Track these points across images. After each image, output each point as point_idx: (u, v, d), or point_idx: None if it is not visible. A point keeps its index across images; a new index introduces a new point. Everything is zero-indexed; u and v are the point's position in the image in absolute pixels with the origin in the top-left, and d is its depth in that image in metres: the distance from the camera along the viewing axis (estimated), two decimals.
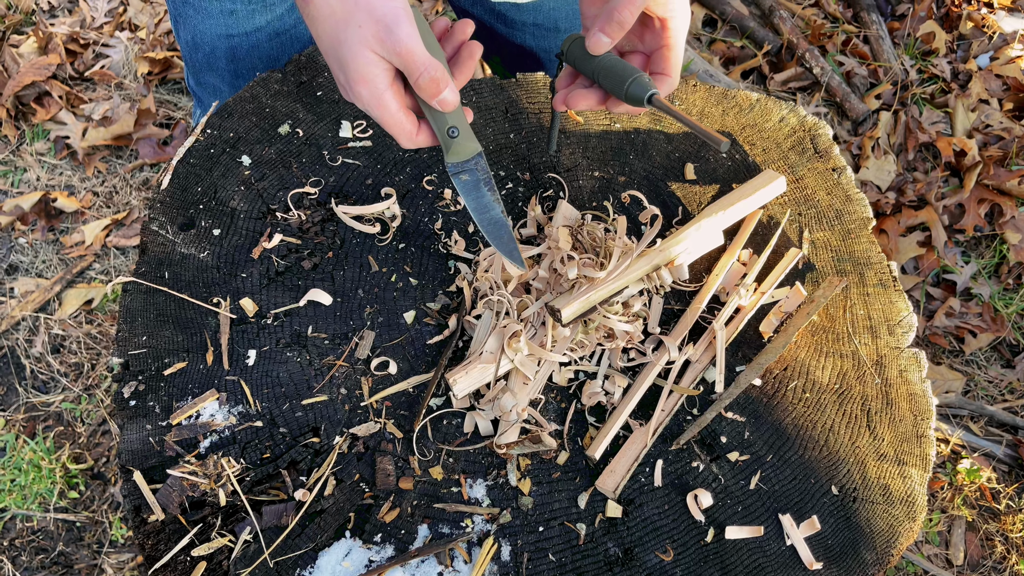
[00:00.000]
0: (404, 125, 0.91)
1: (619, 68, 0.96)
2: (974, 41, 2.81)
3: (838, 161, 1.34)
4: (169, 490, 1.04)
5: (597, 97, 1.01)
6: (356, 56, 0.84)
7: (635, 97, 0.95)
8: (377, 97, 0.87)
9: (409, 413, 1.12)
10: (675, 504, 1.09)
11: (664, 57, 0.99)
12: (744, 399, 1.15)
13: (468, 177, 0.97)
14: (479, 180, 0.97)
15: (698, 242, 1.21)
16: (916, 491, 1.14)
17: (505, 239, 1.00)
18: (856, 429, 1.15)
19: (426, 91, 0.87)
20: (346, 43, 0.84)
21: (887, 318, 1.23)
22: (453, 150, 0.94)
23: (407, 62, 0.85)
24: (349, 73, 0.86)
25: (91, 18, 2.79)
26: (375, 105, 0.88)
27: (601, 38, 0.94)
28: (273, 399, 1.11)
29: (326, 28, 0.86)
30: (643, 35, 1.02)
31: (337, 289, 1.18)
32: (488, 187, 0.98)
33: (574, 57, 1.01)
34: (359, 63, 0.85)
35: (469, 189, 0.98)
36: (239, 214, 1.22)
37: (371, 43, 0.84)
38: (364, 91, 0.87)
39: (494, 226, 1.00)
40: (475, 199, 0.98)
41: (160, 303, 1.16)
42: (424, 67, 0.85)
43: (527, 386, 1.11)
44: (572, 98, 1.02)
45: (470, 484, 1.08)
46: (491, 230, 1.00)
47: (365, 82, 0.86)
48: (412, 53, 0.84)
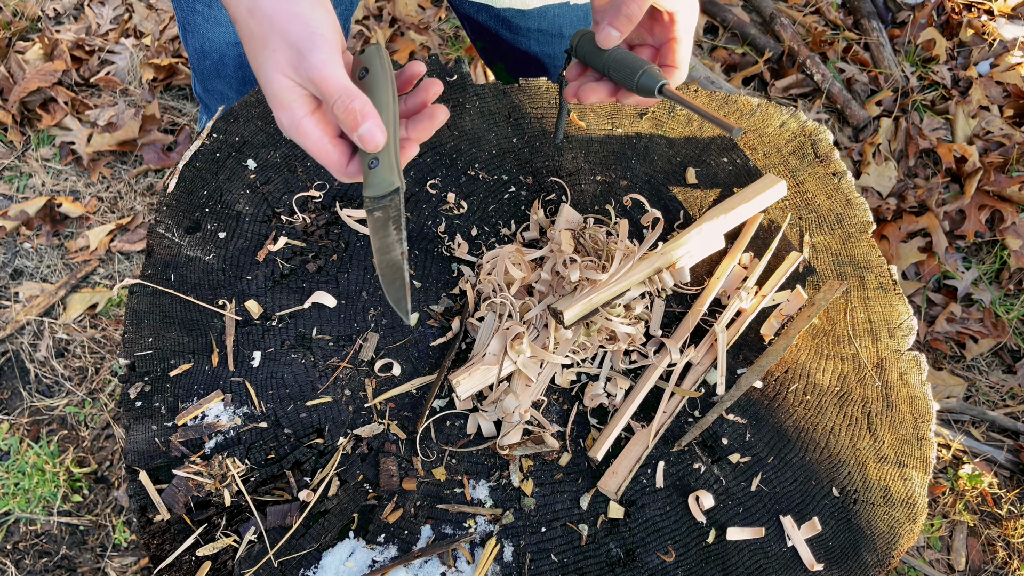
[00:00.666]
0: (329, 155, 0.84)
1: (629, 60, 0.98)
2: (974, 48, 2.82)
3: (838, 166, 1.35)
4: (174, 490, 1.05)
5: (607, 90, 1.02)
6: (271, 81, 0.80)
7: (646, 88, 0.96)
8: (296, 124, 0.82)
9: (412, 414, 1.13)
10: (677, 505, 1.09)
11: (672, 50, 0.99)
12: (745, 401, 1.16)
13: (380, 214, 0.88)
14: (389, 218, 0.88)
15: (699, 245, 1.21)
16: (917, 493, 1.14)
17: (397, 285, 0.92)
18: (857, 431, 1.16)
19: (344, 123, 0.80)
20: (262, 67, 0.80)
21: (887, 321, 1.23)
22: (369, 182, 0.86)
23: (321, 90, 0.79)
24: (269, 99, 0.82)
25: (96, 25, 2.81)
26: (295, 133, 0.83)
27: (611, 32, 0.95)
28: (278, 400, 1.12)
29: (248, 50, 0.82)
30: (652, 28, 1.02)
31: (341, 291, 1.19)
32: (395, 226, 0.89)
33: (583, 52, 1.02)
34: (274, 88, 0.80)
35: (378, 226, 0.89)
36: (244, 217, 1.23)
37: (285, 68, 0.80)
38: (283, 117, 0.82)
39: (390, 268, 0.92)
40: (380, 238, 0.90)
41: (166, 305, 1.17)
42: (339, 95, 0.78)
43: (530, 388, 1.11)
44: (583, 92, 1.02)
45: (473, 485, 1.09)
46: (386, 272, 0.92)
47: (282, 108, 0.81)
48: (325, 80, 0.78)
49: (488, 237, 1.26)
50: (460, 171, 1.30)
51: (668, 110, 1.37)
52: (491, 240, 1.25)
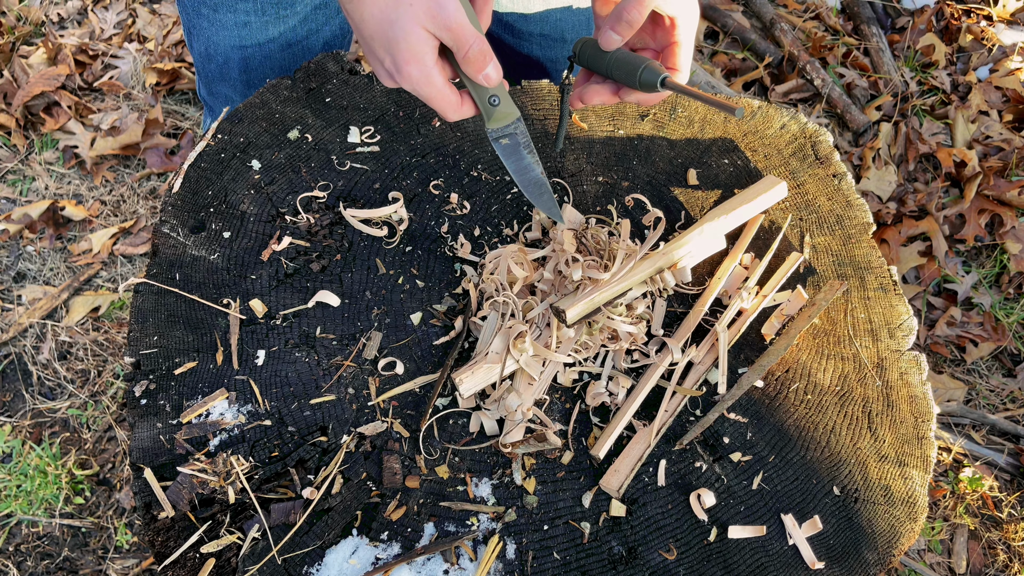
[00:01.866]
0: (450, 98, 0.94)
1: (630, 59, 1.01)
2: (973, 53, 2.83)
3: (838, 167, 1.36)
4: (179, 487, 1.05)
5: (610, 90, 1.05)
6: (408, 34, 0.87)
7: (648, 83, 0.99)
8: (427, 75, 0.90)
9: (416, 413, 1.13)
10: (678, 504, 1.10)
11: (674, 53, 1.02)
12: (746, 400, 1.17)
13: (508, 141, 1.01)
14: (519, 143, 1.01)
15: (701, 246, 1.22)
16: (917, 492, 1.14)
17: (546, 197, 1.06)
18: (857, 431, 1.16)
19: (473, 65, 0.91)
20: (397, 22, 0.87)
21: (888, 321, 1.24)
22: (495, 117, 0.99)
23: (457, 37, 0.88)
24: (399, 53, 0.88)
25: (100, 30, 2.83)
26: (424, 83, 0.90)
27: (612, 35, 0.99)
28: (282, 398, 1.12)
29: (374, 11, 0.88)
30: (654, 33, 1.05)
31: (345, 291, 1.20)
32: (528, 150, 1.02)
33: (586, 57, 1.05)
34: (411, 41, 0.87)
35: (509, 152, 1.02)
36: (249, 217, 1.24)
37: (423, 19, 0.86)
38: (415, 70, 0.89)
39: (535, 186, 1.05)
40: (515, 161, 1.03)
41: (171, 304, 1.18)
42: (473, 41, 0.89)
43: (532, 386, 1.12)
44: (586, 94, 1.06)
45: (476, 483, 1.10)
46: (532, 190, 1.05)
47: (416, 60, 0.88)
48: (462, 28, 0.87)
49: (491, 237, 1.26)
50: (463, 172, 1.31)
51: (669, 112, 1.38)
52: (494, 240, 1.26)
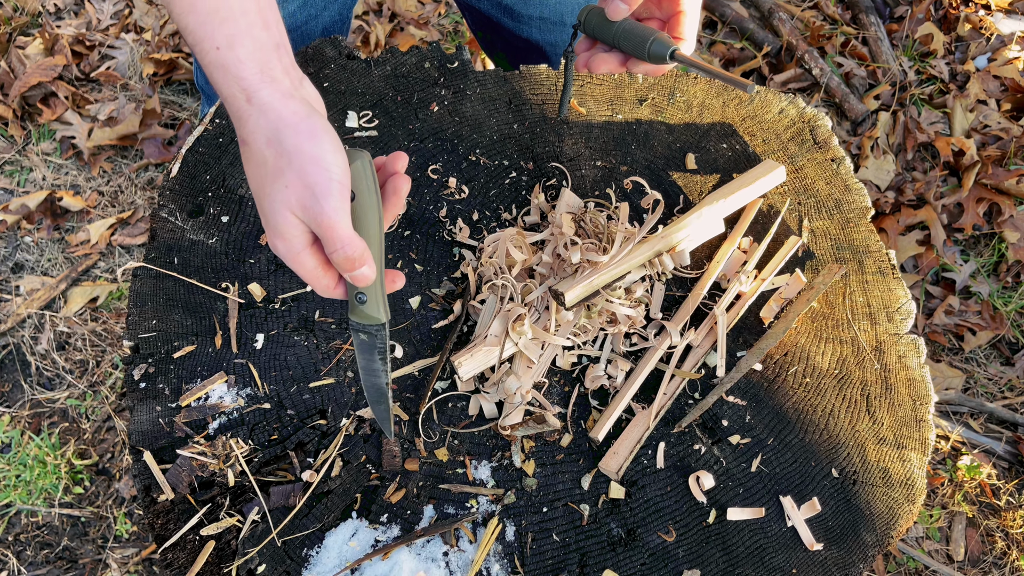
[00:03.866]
0: (320, 281, 0.87)
1: (639, 30, 1.00)
2: (972, 42, 2.82)
3: (837, 152, 1.36)
4: (179, 470, 1.05)
5: (618, 60, 1.05)
6: (276, 213, 0.80)
7: (657, 55, 0.99)
8: (294, 255, 0.84)
9: (415, 396, 1.13)
10: (677, 486, 1.10)
11: (680, 22, 1.02)
12: (745, 383, 1.17)
13: (366, 339, 0.94)
14: (374, 347, 0.95)
15: (699, 229, 1.22)
16: (915, 474, 1.15)
17: (382, 407, 1.01)
18: (856, 413, 1.16)
19: (341, 267, 0.84)
20: (269, 197, 0.80)
21: (886, 305, 1.24)
22: (358, 313, 0.92)
23: (327, 235, 0.80)
24: (268, 226, 0.83)
25: (97, 20, 2.82)
26: (292, 261, 0.85)
27: (619, 5, 0.98)
28: (281, 382, 1.12)
29: (255, 175, 0.82)
30: (659, 2, 1.04)
31: None
32: (381, 356, 0.96)
33: (592, 26, 1.05)
34: (278, 221, 0.81)
35: (364, 349, 0.96)
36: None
37: (293, 206, 0.79)
38: (281, 246, 0.83)
39: (376, 391, 1.00)
40: (366, 360, 0.97)
41: (170, 288, 1.18)
42: (342, 244, 0.80)
43: (531, 369, 1.12)
44: (593, 62, 1.05)
45: (475, 465, 1.10)
46: (372, 394, 1.00)
47: (283, 239, 0.82)
48: (333, 229, 0.80)
49: (489, 221, 1.26)
50: (461, 156, 1.31)
51: (668, 96, 1.38)
52: (492, 224, 1.26)
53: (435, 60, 1.38)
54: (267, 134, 0.79)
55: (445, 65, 1.38)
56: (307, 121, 0.79)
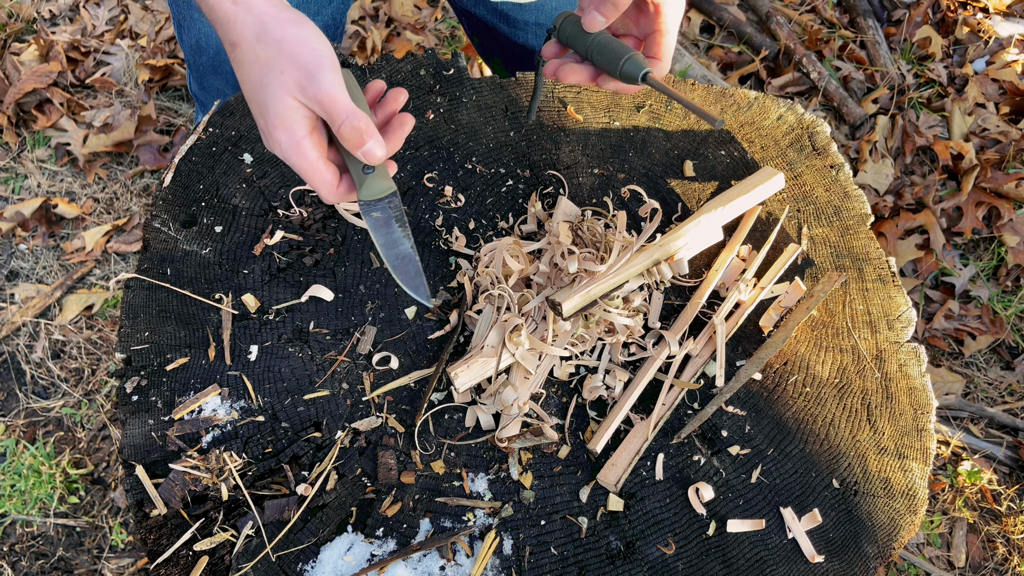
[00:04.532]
0: (323, 174, 0.87)
1: (614, 46, 0.97)
2: (970, 46, 2.81)
3: (836, 158, 1.35)
4: (171, 484, 1.04)
5: (588, 74, 1.01)
6: (276, 100, 0.82)
7: (629, 75, 0.96)
8: (295, 144, 0.84)
9: (411, 408, 1.12)
10: (676, 498, 1.09)
11: (656, 42, 0.99)
12: (744, 393, 1.16)
13: (380, 214, 0.93)
14: (391, 217, 0.93)
15: (698, 238, 1.21)
16: (917, 484, 1.14)
17: (412, 274, 0.97)
18: (856, 423, 1.15)
19: (349, 141, 0.84)
20: (267, 87, 0.82)
21: (886, 313, 1.23)
22: (366, 187, 0.90)
23: (329, 110, 0.82)
24: (268, 118, 0.83)
25: (92, 26, 2.81)
26: (293, 152, 0.84)
27: (596, 16, 0.95)
28: (275, 394, 1.11)
29: (250, 74, 0.83)
30: (637, 19, 1.02)
31: (339, 285, 1.19)
32: (400, 223, 0.95)
33: (567, 34, 1.01)
34: (278, 108, 0.82)
35: (379, 225, 0.94)
36: (241, 211, 1.23)
37: (292, 89, 0.81)
38: (283, 137, 0.83)
39: (401, 261, 0.96)
40: (384, 235, 0.94)
41: (162, 299, 1.16)
42: (346, 115, 0.82)
43: (528, 380, 1.11)
44: (563, 71, 1.02)
45: (472, 478, 1.08)
46: (398, 265, 0.96)
47: (284, 128, 0.83)
48: (334, 101, 0.81)
49: (486, 230, 1.25)
50: (457, 164, 1.30)
51: (665, 103, 1.37)
52: (489, 233, 1.25)
53: (431, 67, 1.37)
54: (255, 30, 0.82)
55: (441, 72, 1.37)
56: (290, 11, 0.83)
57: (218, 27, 0.84)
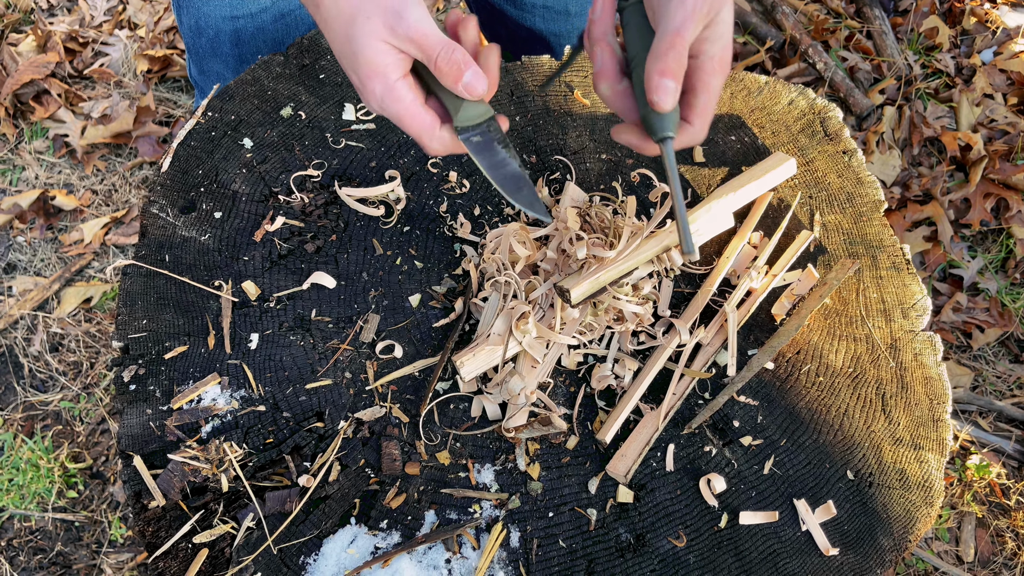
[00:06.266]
0: (422, 117, 0.83)
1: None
2: (977, 36, 2.79)
3: (848, 144, 1.32)
4: (170, 475, 1.01)
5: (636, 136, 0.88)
6: (366, 47, 0.79)
7: (649, 127, 0.83)
8: (390, 89, 0.81)
9: (415, 397, 1.10)
10: (688, 489, 1.06)
11: (688, 102, 0.83)
12: (757, 383, 1.13)
13: (479, 138, 0.88)
14: (492, 139, 0.89)
15: (708, 224, 1.18)
16: (933, 476, 1.11)
17: (525, 192, 0.90)
18: (871, 413, 1.13)
19: (447, 75, 0.80)
20: (356, 38, 0.80)
21: (901, 301, 1.20)
22: (463, 114, 0.86)
23: (422, 45, 0.79)
24: (360, 69, 0.81)
25: (90, 16, 2.78)
26: (389, 98, 0.81)
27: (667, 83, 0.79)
28: (276, 383, 1.09)
29: (336, 29, 0.82)
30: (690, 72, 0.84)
31: (341, 272, 1.16)
32: (502, 144, 0.90)
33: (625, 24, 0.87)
34: (369, 55, 0.79)
35: (481, 149, 0.89)
36: (241, 197, 1.20)
37: (382, 32, 0.79)
38: (377, 85, 0.81)
39: (512, 180, 0.89)
40: (488, 157, 0.89)
41: (160, 286, 1.14)
42: (441, 47, 0.79)
43: (535, 369, 1.08)
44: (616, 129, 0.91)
45: (478, 469, 1.06)
46: (508, 185, 0.90)
47: (377, 75, 0.80)
48: (426, 36, 0.79)
49: (491, 216, 1.23)
50: None
51: None
52: (494, 220, 1.22)
53: None
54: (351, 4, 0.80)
55: None
56: None
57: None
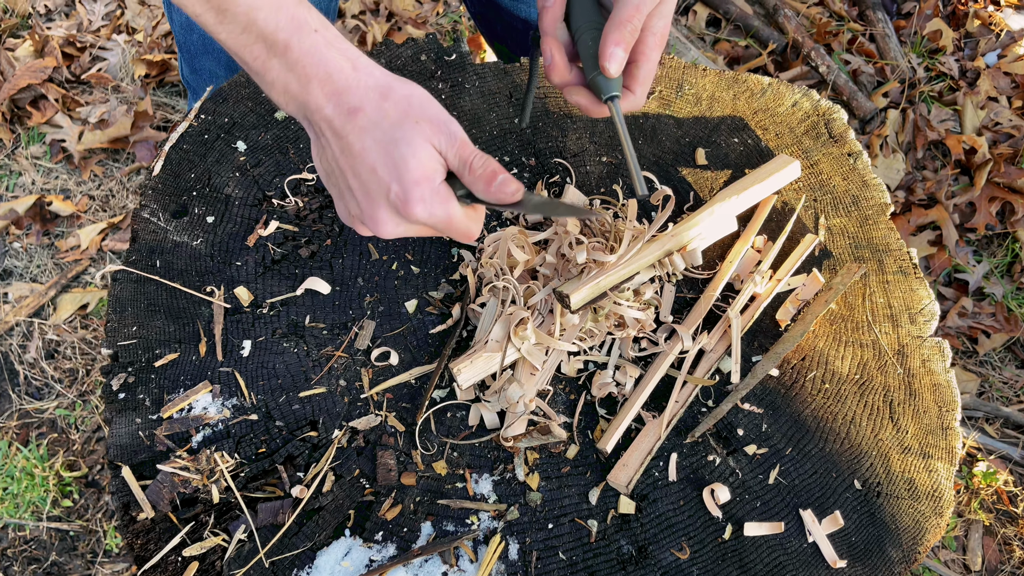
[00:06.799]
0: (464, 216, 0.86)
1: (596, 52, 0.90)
2: (981, 39, 2.77)
3: (854, 146, 1.30)
4: (159, 486, 0.99)
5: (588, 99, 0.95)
6: (417, 151, 0.80)
7: (596, 88, 0.91)
8: (436, 192, 0.81)
9: (411, 405, 1.07)
10: (691, 499, 1.04)
11: (630, 73, 0.92)
12: (761, 390, 1.11)
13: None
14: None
15: (711, 228, 1.16)
16: (943, 485, 1.09)
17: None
18: (878, 421, 1.10)
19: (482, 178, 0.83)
20: (404, 140, 0.80)
21: (908, 306, 1.18)
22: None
23: (463, 153, 0.83)
24: (409, 173, 0.80)
25: (88, 21, 2.76)
26: (437, 200, 0.82)
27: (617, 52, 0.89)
28: (269, 391, 1.06)
29: (377, 135, 0.80)
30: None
31: (336, 277, 1.14)
32: None
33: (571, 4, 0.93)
34: (422, 157, 0.80)
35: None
36: (234, 201, 1.18)
37: (431, 137, 0.81)
38: (426, 189, 0.80)
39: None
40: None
41: (151, 292, 1.11)
42: (475, 155, 0.83)
43: (535, 376, 1.06)
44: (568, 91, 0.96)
45: (475, 479, 1.03)
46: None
47: (426, 179, 0.80)
48: (467, 145, 0.83)
49: (489, 221, 1.20)
50: None
51: (675, 89, 1.32)
52: (493, 223, 1.20)
53: (432, 52, 1.32)
54: (380, 91, 0.81)
55: (442, 58, 1.32)
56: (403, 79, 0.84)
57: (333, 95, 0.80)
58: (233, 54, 0.81)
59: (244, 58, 0.80)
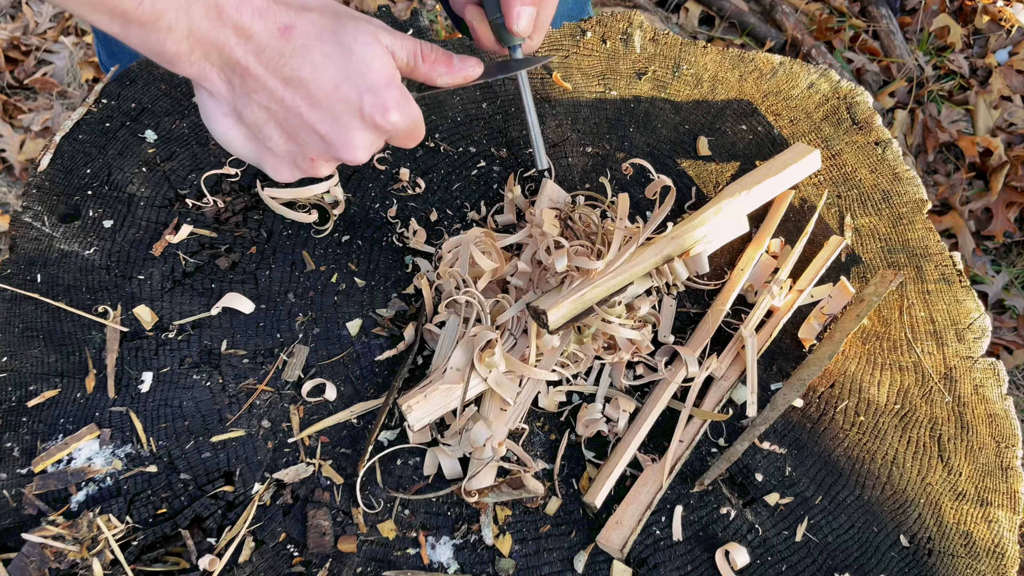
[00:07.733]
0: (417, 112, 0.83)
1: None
2: (991, 35, 2.69)
3: (881, 133, 1.15)
4: (25, 560, 0.81)
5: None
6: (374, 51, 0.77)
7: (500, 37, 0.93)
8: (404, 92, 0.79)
9: (352, 451, 0.92)
10: (701, 563, 0.88)
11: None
12: (783, 425, 0.97)
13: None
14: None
15: (718, 229, 1.02)
16: (1006, 538, 0.94)
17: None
18: (925, 461, 0.96)
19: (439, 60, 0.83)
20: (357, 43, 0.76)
21: (954, 321, 1.04)
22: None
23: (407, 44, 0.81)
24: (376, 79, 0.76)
25: (35, 23, 2.62)
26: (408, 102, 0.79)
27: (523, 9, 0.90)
28: (173, 436, 0.90)
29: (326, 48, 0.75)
30: None
31: (261, 293, 0.99)
32: None
33: None
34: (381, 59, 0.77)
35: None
36: (138, 201, 1.02)
37: (376, 34, 0.78)
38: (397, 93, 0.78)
39: None
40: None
41: (28, 313, 0.95)
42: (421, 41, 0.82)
43: (505, 413, 0.91)
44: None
45: (432, 544, 0.88)
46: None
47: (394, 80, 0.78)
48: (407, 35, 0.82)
49: (451, 222, 1.06)
50: None
51: (672, 69, 1.16)
52: (455, 226, 1.06)
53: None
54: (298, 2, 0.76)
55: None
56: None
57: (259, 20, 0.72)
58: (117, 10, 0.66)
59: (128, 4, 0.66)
